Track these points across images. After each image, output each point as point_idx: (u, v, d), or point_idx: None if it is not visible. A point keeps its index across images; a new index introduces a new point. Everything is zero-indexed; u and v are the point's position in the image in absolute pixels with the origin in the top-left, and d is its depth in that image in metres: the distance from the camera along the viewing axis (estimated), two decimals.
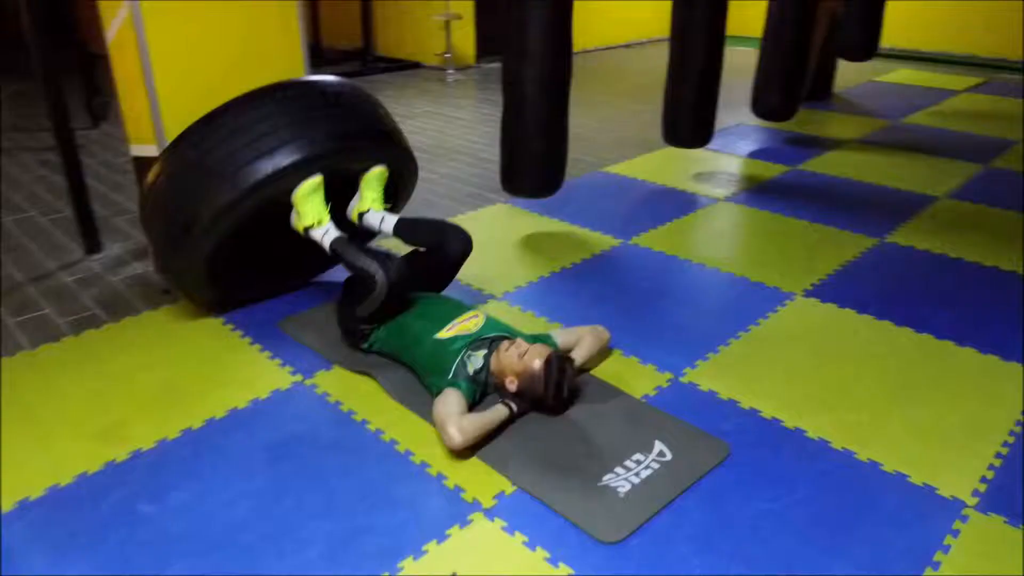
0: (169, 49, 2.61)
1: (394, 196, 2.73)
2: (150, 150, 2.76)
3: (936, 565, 1.64)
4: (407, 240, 2.58)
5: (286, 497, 1.85)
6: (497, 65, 7.92)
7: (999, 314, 2.70)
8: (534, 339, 2.28)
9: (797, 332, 2.60)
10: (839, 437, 2.05)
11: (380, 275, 2.21)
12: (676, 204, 3.84)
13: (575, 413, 2.14)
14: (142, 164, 2.81)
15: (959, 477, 1.90)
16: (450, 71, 7.30)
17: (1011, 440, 2.04)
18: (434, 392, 2.13)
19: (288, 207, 2.43)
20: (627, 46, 8.94)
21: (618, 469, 1.91)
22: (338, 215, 2.55)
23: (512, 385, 2.10)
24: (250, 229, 2.54)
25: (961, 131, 5.12)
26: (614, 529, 1.72)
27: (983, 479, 1.90)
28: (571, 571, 1.62)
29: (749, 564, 1.64)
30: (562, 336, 2.36)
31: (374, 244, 2.87)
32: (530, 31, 3.03)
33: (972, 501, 1.82)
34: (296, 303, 2.81)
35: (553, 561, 1.65)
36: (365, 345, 2.42)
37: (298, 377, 2.35)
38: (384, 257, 2.29)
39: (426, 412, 2.14)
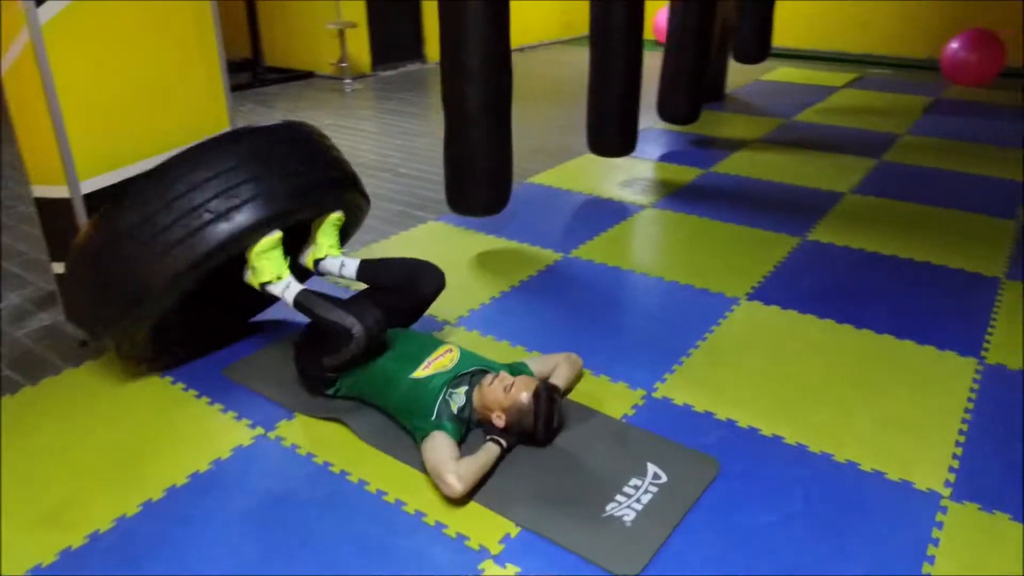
0: (76, 76, 2.36)
1: (344, 235, 2.60)
2: (58, 191, 2.50)
3: (931, 559, 1.73)
4: (374, 283, 2.45)
5: (278, 565, 1.71)
6: (395, 72, 7.78)
7: (927, 306, 2.90)
8: (508, 369, 2.24)
9: (750, 337, 2.69)
10: (814, 440, 2.13)
11: (358, 329, 2.08)
12: (606, 213, 3.89)
13: (562, 441, 2.11)
14: (49, 208, 2.54)
15: (930, 469, 2.02)
16: (347, 81, 7.09)
17: (964, 428, 2.19)
18: (419, 436, 2.04)
19: (239, 259, 2.26)
20: (520, 50, 9.01)
21: (619, 497, 1.89)
22: (290, 261, 2.40)
23: (500, 420, 2.04)
24: (198, 289, 2.35)
25: (849, 127, 5.48)
26: (629, 561, 1.71)
27: (951, 469, 2.02)
28: None
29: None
30: (536, 365, 2.32)
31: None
32: (470, 48, 2.96)
33: (946, 492, 1.94)
34: (237, 347, 2.63)
35: None
36: (330, 391, 2.29)
37: (259, 430, 2.19)
38: (359, 308, 2.15)
39: (409, 456, 2.05)
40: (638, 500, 1.88)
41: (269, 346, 2.63)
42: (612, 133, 4.14)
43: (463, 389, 2.12)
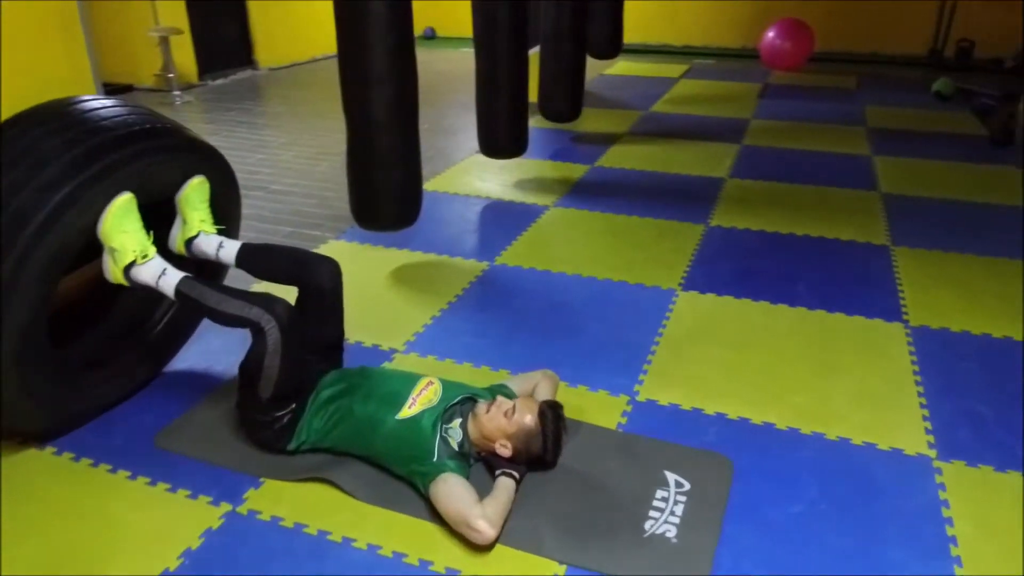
0: None
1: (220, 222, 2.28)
2: None
3: (949, 521, 1.82)
4: (257, 272, 2.19)
5: None
6: (226, 80, 7.17)
7: (838, 278, 3.10)
8: (490, 393, 2.09)
9: (701, 327, 2.73)
10: (802, 422, 2.19)
11: (267, 319, 1.83)
12: (513, 216, 3.80)
13: (568, 460, 2.00)
14: None
15: (911, 434, 2.14)
16: (176, 92, 6.42)
17: (921, 391, 2.35)
18: (424, 482, 1.84)
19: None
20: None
21: (652, 513, 1.82)
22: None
23: (505, 450, 1.90)
24: (64, 308, 2.00)
25: (702, 115, 5.79)
26: None
27: (927, 431, 2.16)
28: None
29: (823, 568, 1.68)
30: (516, 385, 2.18)
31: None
32: (375, 49, 2.73)
33: (932, 454, 2.06)
34: (161, 406, 2.25)
35: None
36: (291, 446, 2.01)
37: (224, 507, 1.88)
38: (259, 297, 1.89)
39: (415, 508, 1.85)
40: (672, 513, 1.82)
41: (206, 399, 2.27)
42: (505, 135, 4.06)
43: (457, 422, 1.95)
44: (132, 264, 1.93)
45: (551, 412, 1.91)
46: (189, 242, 2.13)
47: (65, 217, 1.78)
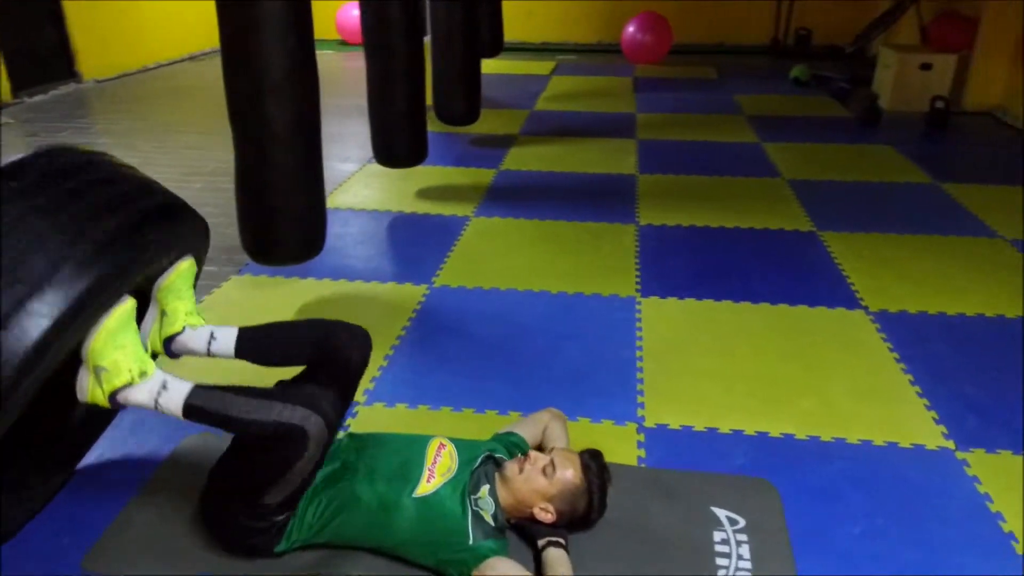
0: None
1: None
2: None
3: (1000, 516, 1.78)
4: (267, 360, 1.75)
5: None
6: (46, 97, 6.21)
7: (784, 268, 3.08)
8: (502, 445, 1.82)
9: (678, 337, 2.58)
10: (819, 428, 2.09)
11: (314, 420, 1.44)
12: (434, 231, 3.49)
13: (608, 512, 1.76)
14: None
15: (923, 427, 2.10)
16: None
17: (911, 379, 2.33)
18: (465, 573, 1.52)
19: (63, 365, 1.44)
20: (171, 63, 7.86)
21: (720, 560, 1.63)
22: None
23: (547, 515, 1.63)
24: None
25: (586, 111, 5.73)
26: None
27: (936, 421, 2.13)
28: None
29: None
30: (525, 431, 1.92)
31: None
32: (272, 54, 2.32)
33: (951, 445, 2.03)
34: (77, 519, 1.77)
35: None
36: (281, 547, 1.62)
37: None
38: (294, 392, 1.53)
39: None
40: (740, 556, 1.64)
41: (136, 499, 1.81)
42: (403, 142, 3.73)
43: (485, 490, 1.66)
44: (125, 386, 1.46)
45: (595, 464, 1.67)
46: (170, 340, 1.67)
47: (57, 345, 1.29)
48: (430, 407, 2.20)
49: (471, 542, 1.55)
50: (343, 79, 6.72)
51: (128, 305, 1.46)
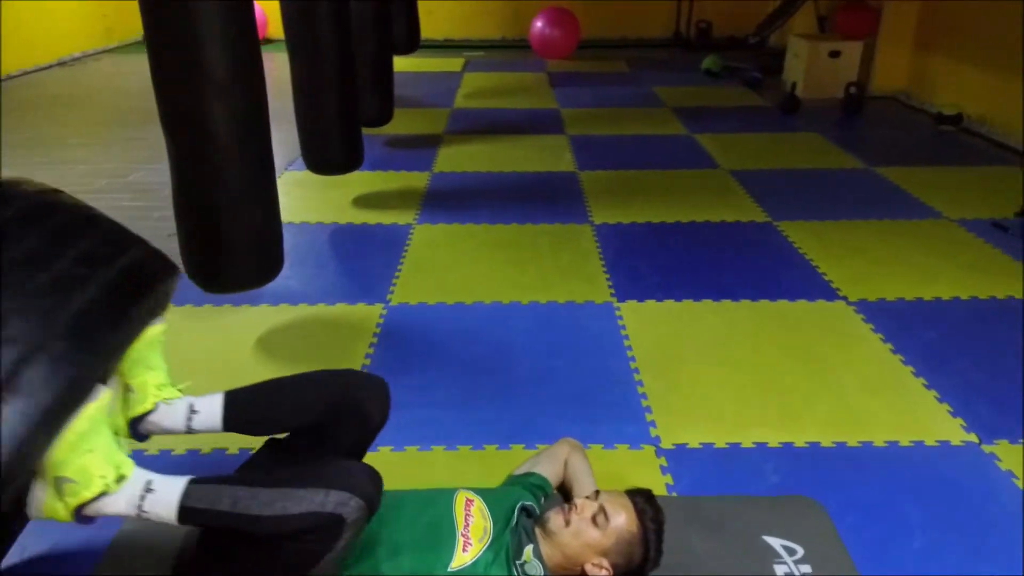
0: None
1: None
2: None
3: None
4: (266, 428, 1.45)
5: None
6: None
7: (753, 262, 2.98)
8: (525, 489, 1.59)
9: (669, 344, 2.41)
10: (843, 434, 1.97)
11: (355, 505, 1.14)
12: (377, 242, 3.18)
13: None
14: None
15: (941, 422, 2.02)
16: None
17: (912, 371, 2.26)
18: None
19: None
20: (61, 64, 7.07)
21: None
22: None
23: (600, 570, 1.41)
24: None
25: (508, 108, 5.51)
26: None
27: (951, 415, 2.05)
28: None
29: None
30: (546, 469, 1.70)
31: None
32: (214, 48, 1.97)
33: (974, 439, 1.96)
34: None
35: None
36: None
37: None
38: (333, 468, 1.23)
39: None
40: None
41: None
42: (337, 148, 3.39)
43: (529, 551, 1.41)
44: (99, 496, 1.11)
45: (650, 508, 1.45)
46: (138, 420, 1.32)
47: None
48: (419, 447, 1.92)
49: None
50: None
51: (103, 400, 1.13)
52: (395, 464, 1.85)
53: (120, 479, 1.14)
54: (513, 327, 2.51)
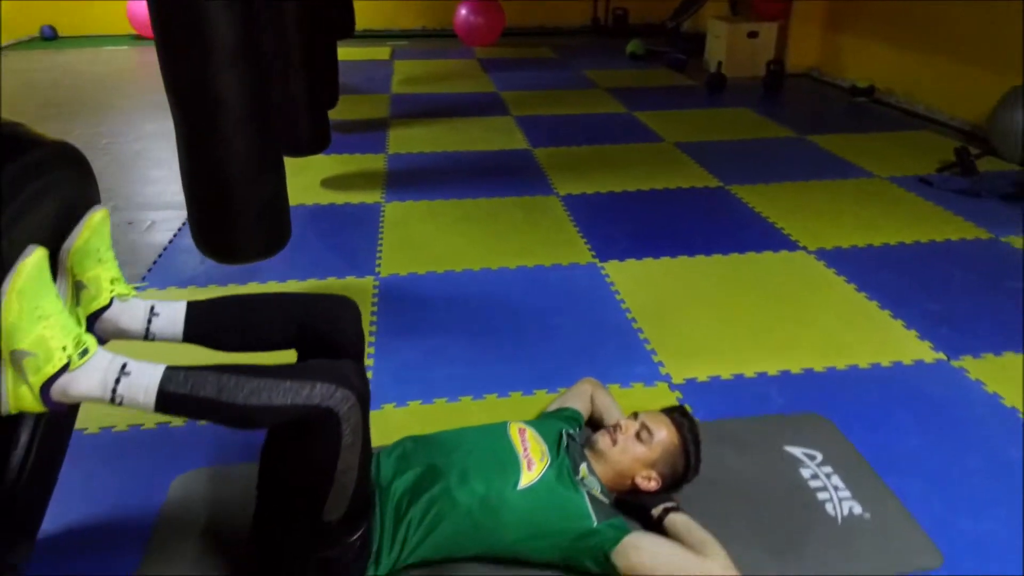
0: None
1: None
2: None
3: (1015, 410, 1.94)
4: (227, 343, 1.39)
5: None
6: None
7: (717, 221, 3.17)
8: (563, 420, 1.69)
9: (658, 295, 2.56)
10: (832, 359, 2.17)
11: (342, 394, 1.15)
12: (351, 220, 3.19)
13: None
14: None
15: (913, 345, 2.25)
16: None
17: (878, 304, 2.49)
18: (606, 552, 1.36)
19: None
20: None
21: (820, 496, 1.62)
22: None
23: (651, 482, 1.53)
24: None
25: (448, 92, 5.56)
26: (921, 551, 1.48)
27: (919, 338, 2.28)
28: None
29: (1001, 484, 1.65)
30: (574, 402, 1.80)
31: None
32: (218, 17, 1.96)
33: (943, 356, 2.19)
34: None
35: None
36: (374, 572, 1.36)
37: None
38: (316, 363, 1.24)
39: None
40: (836, 488, 1.64)
41: (149, 557, 1.44)
42: (304, 130, 3.38)
43: (584, 468, 1.52)
44: (62, 371, 1.09)
45: (687, 420, 1.58)
46: (94, 317, 1.29)
47: None
48: (448, 399, 1.99)
49: (596, 524, 1.39)
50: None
51: (36, 256, 1.06)
52: (429, 413, 1.91)
53: (83, 353, 1.10)
54: (507, 290, 2.60)
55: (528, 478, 1.43)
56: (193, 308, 1.36)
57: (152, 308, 1.33)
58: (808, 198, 3.42)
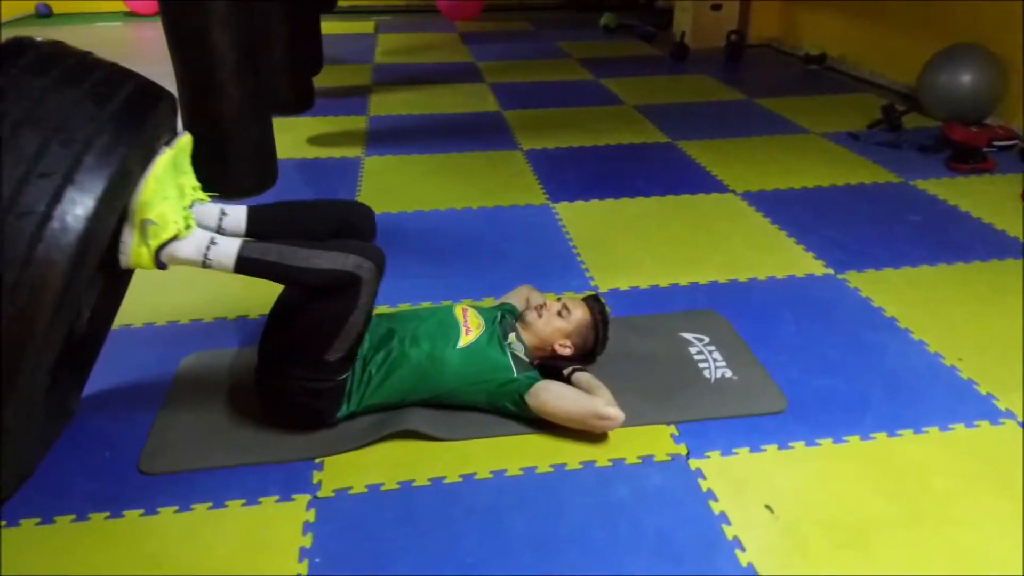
0: None
1: None
2: None
3: (881, 309, 2.34)
4: (282, 234, 1.72)
5: None
6: None
7: (664, 170, 3.55)
8: (501, 312, 2.08)
9: (598, 228, 2.94)
10: (735, 273, 2.56)
11: (368, 266, 1.58)
12: (333, 171, 3.57)
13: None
14: None
15: (808, 263, 2.64)
16: None
17: (786, 233, 2.88)
18: (522, 395, 1.76)
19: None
20: None
21: (701, 365, 2.02)
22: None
23: (566, 348, 1.93)
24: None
25: (429, 63, 5.91)
26: (773, 398, 1.89)
27: (814, 258, 2.68)
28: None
29: (847, 356, 2.05)
30: (512, 299, 2.19)
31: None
32: None
33: (832, 271, 2.59)
34: (104, 435, 1.77)
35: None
36: (342, 412, 1.76)
37: (302, 497, 1.60)
38: (348, 240, 1.66)
39: (505, 428, 1.80)
40: (715, 360, 2.04)
41: (165, 406, 1.84)
42: (288, 91, 3.75)
43: (513, 336, 1.92)
44: (172, 240, 1.49)
45: (598, 304, 1.97)
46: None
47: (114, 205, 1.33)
48: (410, 303, 2.38)
49: (515, 375, 1.79)
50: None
51: (169, 154, 1.47)
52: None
53: (188, 227, 1.53)
54: (469, 225, 2.98)
55: (465, 341, 1.82)
56: (253, 211, 1.76)
57: (222, 210, 1.72)
58: (745, 151, 3.81)
